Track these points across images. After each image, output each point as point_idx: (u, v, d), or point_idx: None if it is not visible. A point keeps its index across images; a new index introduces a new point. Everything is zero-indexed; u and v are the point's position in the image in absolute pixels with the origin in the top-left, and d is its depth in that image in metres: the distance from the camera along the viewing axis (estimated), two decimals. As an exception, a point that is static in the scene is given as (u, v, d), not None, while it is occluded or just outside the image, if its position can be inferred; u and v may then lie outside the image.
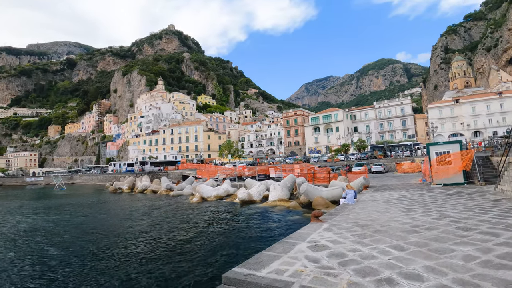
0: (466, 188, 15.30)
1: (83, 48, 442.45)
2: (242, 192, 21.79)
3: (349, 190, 12.46)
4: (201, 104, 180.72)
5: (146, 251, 12.51)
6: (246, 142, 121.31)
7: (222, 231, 14.99)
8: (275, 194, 20.59)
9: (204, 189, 27.02)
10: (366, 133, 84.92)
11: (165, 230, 16.36)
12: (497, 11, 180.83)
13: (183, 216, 20.22)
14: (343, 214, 9.84)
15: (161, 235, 15.38)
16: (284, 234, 10.97)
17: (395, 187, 18.29)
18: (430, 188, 16.35)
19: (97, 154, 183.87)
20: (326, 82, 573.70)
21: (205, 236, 14.19)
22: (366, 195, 14.81)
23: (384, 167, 38.94)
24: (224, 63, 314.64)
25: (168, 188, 36.75)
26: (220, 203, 24.53)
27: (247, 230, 14.75)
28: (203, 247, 12.40)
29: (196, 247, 12.51)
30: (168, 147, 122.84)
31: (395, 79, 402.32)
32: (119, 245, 13.79)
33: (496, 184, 13.07)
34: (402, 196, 13.57)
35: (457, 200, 11.37)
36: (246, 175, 33.57)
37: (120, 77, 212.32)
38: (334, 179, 23.45)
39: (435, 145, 18.19)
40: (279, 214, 17.68)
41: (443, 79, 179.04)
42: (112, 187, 48.65)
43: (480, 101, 72.02)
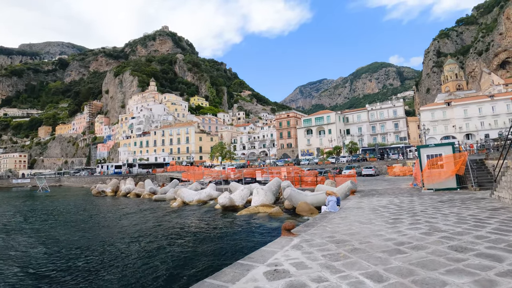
0: (459, 193, 14.20)
1: (76, 48, 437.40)
2: (223, 197, 20.44)
3: (330, 196, 11.24)
4: (194, 106, 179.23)
5: (94, 263, 11.16)
6: (239, 144, 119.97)
7: (185, 242, 13.58)
8: (258, 199, 19.30)
9: (185, 193, 25.61)
10: (359, 135, 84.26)
11: (128, 239, 15.00)
12: (489, 15, 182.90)
13: (155, 223, 18.81)
14: (320, 225, 8.60)
15: (121, 244, 14.05)
16: (253, 248, 9.65)
17: (384, 192, 17.15)
18: (421, 194, 15.23)
19: (87, 155, 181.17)
20: (320, 85, 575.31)
21: (161, 248, 12.83)
22: (352, 202, 13.62)
23: (375, 170, 37.92)
24: (218, 64, 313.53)
25: (151, 191, 35.25)
26: (201, 208, 23.15)
27: (214, 241, 13.41)
28: (151, 260, 11.12)
29: (142, 260, 11.21)
30: (159, 149, 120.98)
31: (388, 82, 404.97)
32: (71, 256, 12.39)
33: (492, 190, 11.97)
34: (390, 203, 12.39)
35: (449, 208, 10.20)
36: (232, 178, 32.26)
37: (112, 78, 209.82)
38: (321, 183, 22.25)
39: (426, 148, 17.07)
40: (258, 222, 16.38)
41: (435, 82, 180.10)
42: (95, 190, 46.89)
43: (472, 104, 71.77)
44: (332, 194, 11.33)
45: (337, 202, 11.51)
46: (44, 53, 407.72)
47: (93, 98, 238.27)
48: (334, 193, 11.67)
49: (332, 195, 11.27)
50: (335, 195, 11.53)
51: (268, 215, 17.52)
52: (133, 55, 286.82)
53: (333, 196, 11.23)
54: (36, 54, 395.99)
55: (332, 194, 11.35)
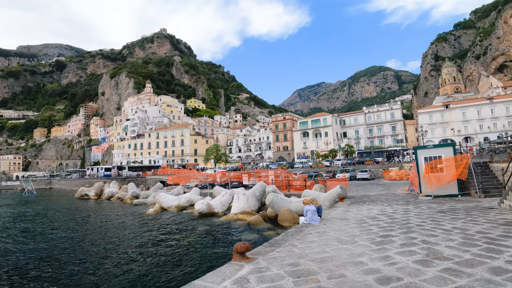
0: (462, 201, 12.37)
1: (75, 50, 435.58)
2: (201, 203, 18.49)
3: (308, 205, 9.38)
4: (191, 108, 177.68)
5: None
6: (235, 146, 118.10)
7: (138, 257, 11.76)
8: (238, 206, 17.38)
9: (164, 198, 23.65)
10: (355, 138, 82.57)
11: (80, 249, 13.17)
12: (486, 20, 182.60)
13: (119, 231, 16.95)
14: (289, 244, 6.74)
15: (67, 255, 12.25)
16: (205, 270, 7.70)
17: (377, 199, 15.29)
18: (417, 201, 13.38)
19: (82, 158, 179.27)
20: (319, 88, 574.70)
21: (103, 261, 11.10)
22: (338, 210, 11.75)
23: (371, 173, 36.06)
24: (216, 67, 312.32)
25: (133, 195, 33.28)
26: (179, 215, 21.20)
27: (167, 256, 11.53)
28: (85, 275, 9.40)
29: (78, 272, 9.44)
30: (154, 151, 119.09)
31: (386, 86, 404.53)
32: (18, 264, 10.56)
33: (501, 199, 10.14)
34: (382, 213, 10.53)
35: (452, 222, 8.35)
36: (218, 182, 30.36)
37: (108, 80, 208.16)
38: (311, 187, 20.39)
39: (424, 149, 15.23)
40: (232, 233, 14.49)
41: (433, 86, 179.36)
42: (78, 193, 44.90)
43: (470, 106, 70.25)
44: (310, 203, 9.47)
45: (318, 211, 9.65)
46: (42, 55, 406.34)
47: (89, 100, 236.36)
48: (314, 201, 9.81)
49: (311, 204, 9.41)
50: (315, 203, 9.67)
51: (247, 224, 15.64)
52: (130, 57, 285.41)
53: (312, 205, 9.37)
54: (34, 56, 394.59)
55: (311, 203, 9.48)
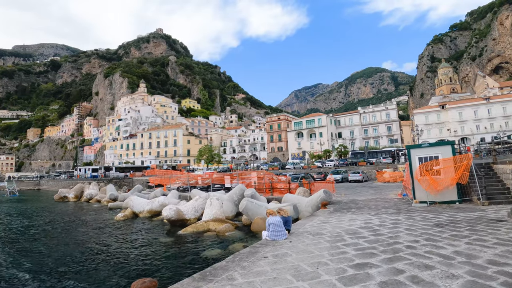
0: (463, 210, 10.48)
1: (71, 50, 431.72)
2: (169, 209, 16.40)
3: (272, 217, 7.43)
4: (185, 108, 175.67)
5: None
6: (229, 147, 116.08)
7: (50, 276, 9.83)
8: (210, 212, 15.35)
9: (135, 202, 21.57)
10: (350, 138, 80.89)
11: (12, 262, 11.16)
12: (482, 21, 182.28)
13: (69, 241, 14.92)
14: (223, 279, 4.76)
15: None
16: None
17: (365, 205, 13.38)
18: (410, 209, 11.47)
19: (74, 158, 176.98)
20: (315, 89, 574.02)
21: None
22: (315, 221, 9.81)
23: (363, 175, 34.17)
24: (212, 67, 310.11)
25: (111, 198, 31.19)
26: (148, 221, 19.13)
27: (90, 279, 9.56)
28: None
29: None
30: (146, 152, 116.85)
31: (383, 87, 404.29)
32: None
33: (509, 212, 8.23)
34: (365, 226, 8.60)
35: (452, 242, 6.41)
36: (200, 184, 28.35)
37: (102, 79, 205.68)
38: (295, 191, 18.44)
39: (418, 148, 13.31)
40: (197, 246, 12.44)
41: (429, 87, 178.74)
42: (57, 195, 42.70)
43: (467, 107, 68.74)
44: (275, 214, 7.50)
45: (286, 224, 7.70)
46: (38, 55, 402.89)
47: (84, 100, 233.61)
48: (282, 211, 7.85)
49: (275, 215, 7.44)
50: (283, 213, 7.71)
51: (215, 234, 13.65)
52: (126, 57, 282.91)
53: (276, 216, 7.41)
54: (30, 56, 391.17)
55: (276, 214, 7.52)
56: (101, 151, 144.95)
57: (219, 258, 9.98)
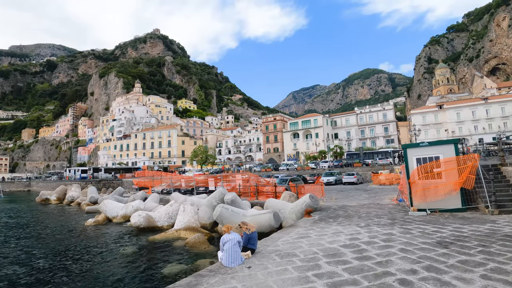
0: (469, 220, 8.84)
1: (68, 51, 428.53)
2: (138, 216, 14.68)
3: (227, 235, 5.73)
4: (181, 109, 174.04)
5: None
6: (224, 148, 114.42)
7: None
8: (183, 220, 13.64)
9: (109, 206, 19.85)
10: (347, 139, 79.37)
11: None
12: (479, 23, 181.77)
13: (24, 254, 13.11)
14: None
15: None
16: None
17: (355, 213, 11.73)
18: (407, 219, 9.81)
19: (69, 159, 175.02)
20: (313, 90, 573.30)
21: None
22: (292, 234, 8.15)
23: (358, 177, 32.55)
24: (209, 68, 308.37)
25: (91, 201, 29.41)
26: (120, 228, 17.40)
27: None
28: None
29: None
30: (140, 153, 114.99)
31: (380, 88, 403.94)
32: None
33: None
34: (350, 243, 6.94)
35: (463, 273, 4.75)
36: (184, 187, 26.63)
37: (97, 80, 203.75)
38: (280, 195, 16.75)
39: (416, 148, 11.66)
40: (154, 261, 10.73)
41: (426, 88, 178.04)
42: (39, 197, 40.84)
43: (465, 107, 67.43)
44: (230, 230, 5.79)
45: (250, 242, 6.00)
46: (35, 55, 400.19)
47: (79, 100, 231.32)
48: (244, 226, 6.15)
49: (232, 232, 5.73)
50: (245, 229, 6.00)
51: (184, 245, 11.93)
52: (123, 58, 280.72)
53: (233, 233, 5.71)
54: (26, 56, 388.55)
55: (232, 230, 5.81)
56: (95, 152, 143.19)
57: (176, 278, 8.25)
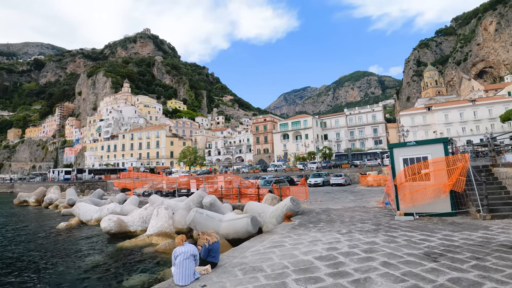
0: (459, 226, 8.11)
1: (56, 49, 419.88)
2: (108, 220, 13.60)
3: (180, 248, 4.82)
4: (171, 109, 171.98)
5: None
6: (214, 149, 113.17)
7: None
8: (156, 225, 12.63)
9: (83, 209, 18.70)
10: (336, 140, 79.16)
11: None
12: (467, 27, 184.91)
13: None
14: None
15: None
16: None
17: (338, 217, 10.94)
18: (392, 225, 9.03)
19: (55, 160, 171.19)
20: (304, 92, 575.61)
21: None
22: (265, 243, 7.30)
23: (346, 178, 31.96)
24: (200, 69, 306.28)
25: (70, 203, 28.04)
26: (90, 233, 16.27)
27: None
28: None
29: None
30: (128, 153, 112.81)
31: (370, 90, 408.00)
32: None
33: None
34: (327, 255, 6.09)
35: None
36: (165, 189, 25.54)
37: (85, 79, 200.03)
38: (262, 197, 15.88)
39: (403, 147, 10.92)
40: (121, 269, 9.75)
41: (415, 91, 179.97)
42: (17, 199, 39.13)
43: (453, 109, 67.90)
44: (183, 242, 4.88)
45: (210, 255, 5.09)
46: (22, 54, 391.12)
47: (67, 100, 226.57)
48: (206, 236, 5.23)
49: (186, 243, 4.83)
50: (205, 239, 5.09)
51: (154, 253, 10.95)
52: (112, 57, 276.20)
53: (187, 245, 4.80)
54: (13, 55, 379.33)
55: (184, 242, 4.90)
56: (82, 152, 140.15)
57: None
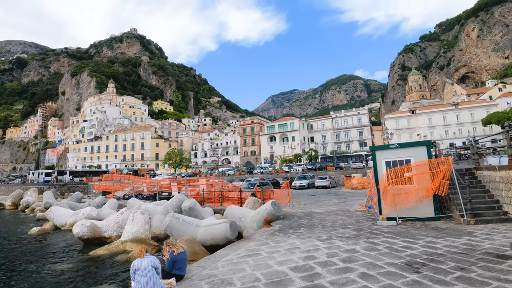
0: (443, 232, 7.83)
1: (40, 48, 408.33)
2: (80, 225, 12.83)
3: (140, 260, 4.30)
4: (157, 110, 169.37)
5: None
6: (200, 151, 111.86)
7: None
8: (131, 230, 11.92)
9: (57, 214, 17.79)
10: (322, 143, 79.55)
11: None
12: (450, 33, 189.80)
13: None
14: None
15: None
16: None
17: (320, 222, 10.57)
18: (374, 230, 8.70)
19: (37, 161, 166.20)
20: (292, 95, 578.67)
21: None
22: (239, 251, 6.82)
23: (331, 180, 31.85)
24: (188, 70, 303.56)
25: (46, 206, 26.81)
26: (64, 239, 15.41)
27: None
28: None
29: None
30: (112, 155, 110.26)
31: (356, 94, 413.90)
32: None
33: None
34: (304, 264, 5.67)
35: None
36: (145, 192, 24.74)
37: (69, 78, 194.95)
38: (244, 200, 15.39)
39: (385, 150, 10.64)
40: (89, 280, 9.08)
41: (400, 94, 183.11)
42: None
43: (436, 112, 69.29)
44: (143, 254, 4.37)
45: (175, 267, 4.57)
46: (4, 52, 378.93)
47: (50, 100, 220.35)
48: (171, 247, 4.71)
49: (147, 255, 4.31)
50: (170, 249, 4.58)
51: (128, 259, 10.30)
52: (98, 57, 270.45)
53: (148, 257, 4.28)
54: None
55: (145, 253, 4.38)
56: (64, 154, 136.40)
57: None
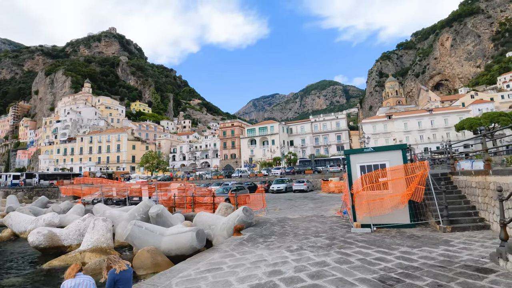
0: (420, 241, 7.46)
1: (14, 45, 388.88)
2: (36, 233, 11.67)
3: (71, 280, 3.60)
4: (135, 112, 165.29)
5: None
6: (178, 154, 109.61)
7: None
8: (91, 239, 10.95)
9: (16, 220, 16.43)
10: (302, 146, 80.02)
11: None
12: (425, 41, 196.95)
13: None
14: None
15: None
16: None
17: (292, 229, 10.04)
18: (348, 239, 8.24)
19: (6, 163, 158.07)
20: (273, 99, 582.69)
21: None
22: (199, 265, 6.19)
23: (308, 184, 31.68)
24: (168, 71, 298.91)
25: (8, 211, 24.92)
26: (21, 248, 14.12)
27: None
28: None
29: None
30: (86, 157, 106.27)
31: (335, 99, 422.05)
32: None
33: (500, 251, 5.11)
34: (268, 281, 5.10)
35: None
36: (113, 197, 23.51)
37: (43, 77, 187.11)
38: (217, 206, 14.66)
39: (360, 154, 10.25)
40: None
41: (377, 100, 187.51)
42: None
43: (412, 118, 71.30)
44: (75, 272, 3.69)
45: (116, 285, 3.86)
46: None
47: (22, 99, 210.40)
48: (113, 264, 4.01)
49: (80, 275, 3.62)
50: (110, 267, 3.88)
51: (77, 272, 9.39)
52: (74, 56, 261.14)
53: (82, 277, 3.58)
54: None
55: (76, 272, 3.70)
56: (36, 155, 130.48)
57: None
